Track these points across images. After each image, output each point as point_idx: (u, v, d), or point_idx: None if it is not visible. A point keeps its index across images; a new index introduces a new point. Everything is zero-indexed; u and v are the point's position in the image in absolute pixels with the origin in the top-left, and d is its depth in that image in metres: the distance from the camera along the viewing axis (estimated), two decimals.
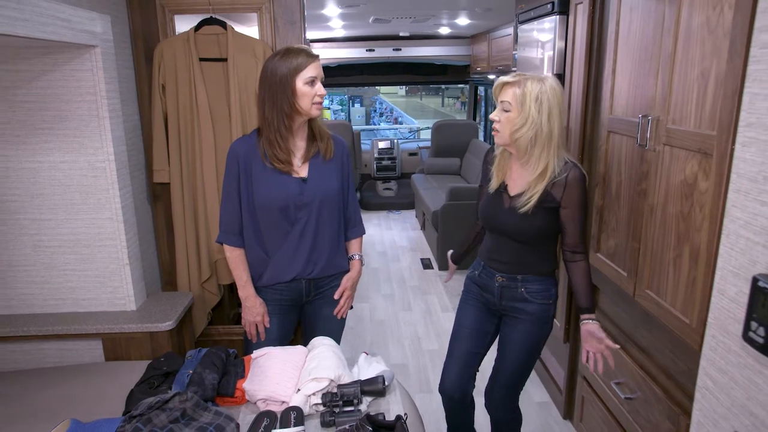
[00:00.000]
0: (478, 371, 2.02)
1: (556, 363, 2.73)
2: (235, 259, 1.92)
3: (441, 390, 2.01)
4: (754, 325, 0.78)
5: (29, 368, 2.14)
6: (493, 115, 1.74)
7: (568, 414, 2.63)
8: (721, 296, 0.87)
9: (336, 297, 1.99)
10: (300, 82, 1.73)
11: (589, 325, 1.76)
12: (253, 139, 1.84)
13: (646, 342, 1.85)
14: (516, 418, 2.06)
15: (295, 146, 1.84)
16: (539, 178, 1.71)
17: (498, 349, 1.98)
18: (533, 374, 3.00)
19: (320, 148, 1.87)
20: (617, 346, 1.77)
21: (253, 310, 1.93)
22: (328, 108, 15.13)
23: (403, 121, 18.71)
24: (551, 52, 2.49)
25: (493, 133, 1.76)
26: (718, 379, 0.89)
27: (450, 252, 2.20)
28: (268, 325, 1.96)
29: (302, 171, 1.85)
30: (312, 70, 1.74)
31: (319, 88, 1.77)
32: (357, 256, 2.04)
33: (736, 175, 0.84)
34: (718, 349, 0.88)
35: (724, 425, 0.88)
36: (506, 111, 1.69)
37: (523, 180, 1.76)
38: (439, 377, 2.03)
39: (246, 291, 1.93)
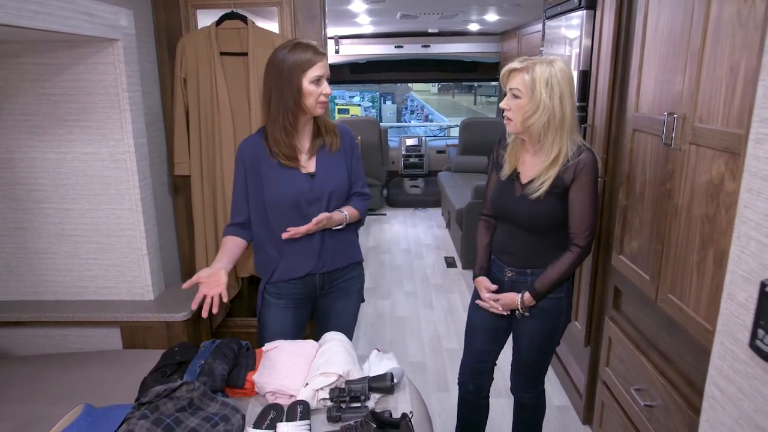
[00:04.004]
0: (495, 365, 2.03)
1: (577, 367, 2.66)
2: (227, 241, 1.86)
3: (458, 381, 2.07)
4: (761, 333, 0.73)
5: (53, 353, 2.21)
6: (503, 104, 1.69)
7: (587, 419, 2.56)
8: (731, 301, 0.82)
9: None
10: (306, 81, 1.71)
11: (520, 297, 1.78)
12: (260, 137, 1.83)
13: (667, 348, 1.79)
14: (539, 402, 2.04)
15: (300, 143, 1.83)
16: (552, 164, 1.66)
17: (513, 342, 1.97)
18: (553, 377, 2.94)
19: (326, 142, 1.85)
20: (500, 308, 1.83)
21: (217, 281, 1.75)
22: (359, 105, 15.16)
23: (433, 119, 18.62)
24: (578, 49, 2.43)
25: (504, 122, 1.71)
26: (726, 389, 0.84)
27: (479, 277, 1.92)
28: (225, 298, 1.77)
29: (310, 166, 1.84)
30: (318, 69, 1.72)
31: (324, 87, 1.75)
32: (342, 212, 1.87)
33: (749, 173, 0.79)
34: (726, 357, 0.83)
35: None
36: (516, 98, 1.65)
37: (536, 167, 1.72)
38: (457, 376, 2.08)
39: (218, 265, 1.79)
